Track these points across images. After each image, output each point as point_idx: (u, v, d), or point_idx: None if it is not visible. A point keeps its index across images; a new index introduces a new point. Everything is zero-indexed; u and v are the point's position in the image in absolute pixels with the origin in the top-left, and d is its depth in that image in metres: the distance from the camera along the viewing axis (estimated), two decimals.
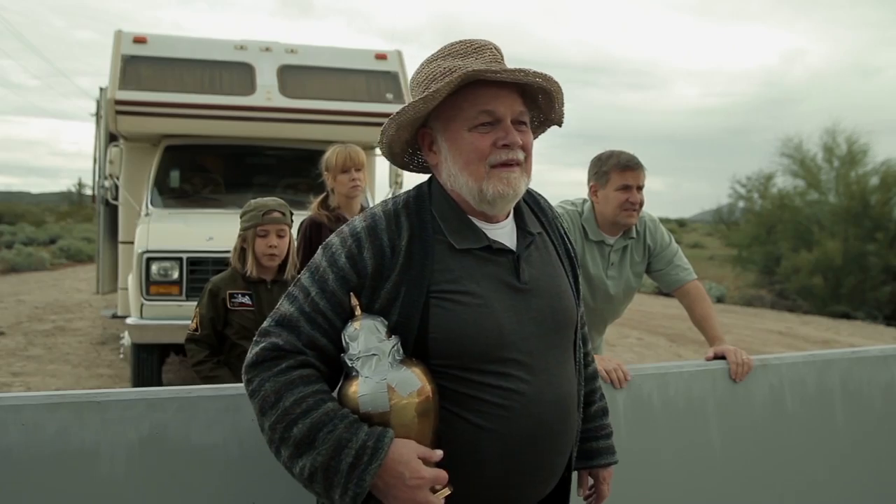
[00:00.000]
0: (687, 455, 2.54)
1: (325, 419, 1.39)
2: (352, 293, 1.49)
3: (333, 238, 1.57)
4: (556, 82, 1.56)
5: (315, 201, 3.60)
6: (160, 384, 5.74)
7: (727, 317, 13.57)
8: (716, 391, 2.60)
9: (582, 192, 3.04)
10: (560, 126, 1.72)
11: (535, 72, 1.52)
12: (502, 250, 1.57)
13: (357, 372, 1.44)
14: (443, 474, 1.40)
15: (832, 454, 2.78)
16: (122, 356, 7.40)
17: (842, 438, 2.80)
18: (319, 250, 1.57)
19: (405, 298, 1.48)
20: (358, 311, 1.49)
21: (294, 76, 6.72)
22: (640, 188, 2.86)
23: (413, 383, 1.43)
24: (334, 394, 1.48)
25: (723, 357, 2.66)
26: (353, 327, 1.47)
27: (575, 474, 1.80)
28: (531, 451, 1.52)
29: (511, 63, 1.59)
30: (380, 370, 1.43)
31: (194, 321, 3.16)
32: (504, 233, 1.61)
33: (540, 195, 1.81)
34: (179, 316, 5.40)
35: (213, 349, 3.14)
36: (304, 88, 6.68)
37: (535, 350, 1.54)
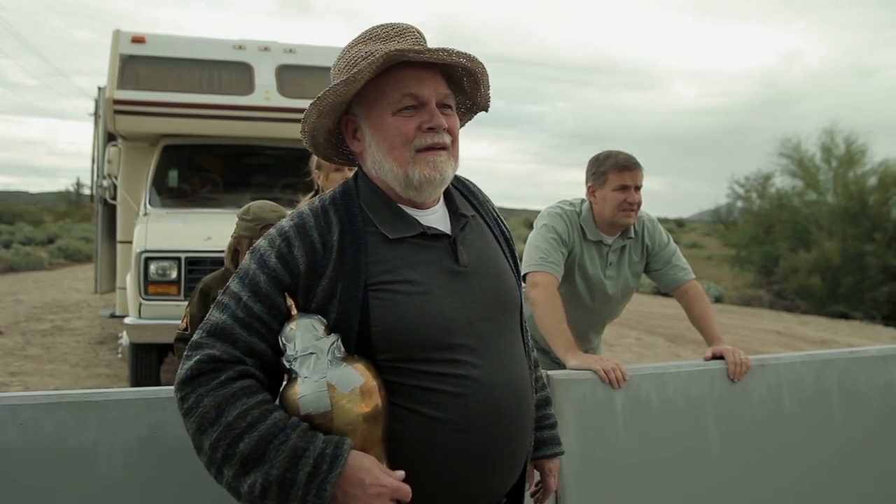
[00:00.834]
0: (685, 455, 2.54)
1: (275, 430, 1.33)
2: (286, 293, 1.44)
3: (261, 241, 1.51)
4: (480, 63, 1.51)
5: (303, 201, 3.55)
6: (158, 384, 5.73)
7: (725, 317, 13.58)
8: (714, 391, 2.60)
9: (580, 192, 3.04)
10: (486, 111, 1.67)
11: (458, 52, 1.47)
12: (437, 235, 1.52)
13: (296, 373, 1.38)
14: (406, 488, 1.34)
15: (830, 454, 2.78)
16: (120, 356, 7.40)
17: (840, 438, 2.80)
18: (247, 255, 1.51)
19: (342, 294, 1.43)
20: (294, 311, 1.43)
21: (292, 76, 6.72)
22: (637, 188, 2.86)
23: (354, 379, 1.36)
24: (277, 402, 1.42)
25: (721, 357, 2.66)
26: (290, 327, 1.41)
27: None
28: (490, 439, 1.47)
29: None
30: (319, 369, 1.36)
31: (184, 321, 3.13)
32: (436, 218, 1.56)
33: (468, 180, 1.75)
34: (178, 316, 5.35)
35: None
36: (303, 88, 6.67)
37: (483, 333, 1.50)
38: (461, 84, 1.58)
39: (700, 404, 2.58)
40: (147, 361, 5.73)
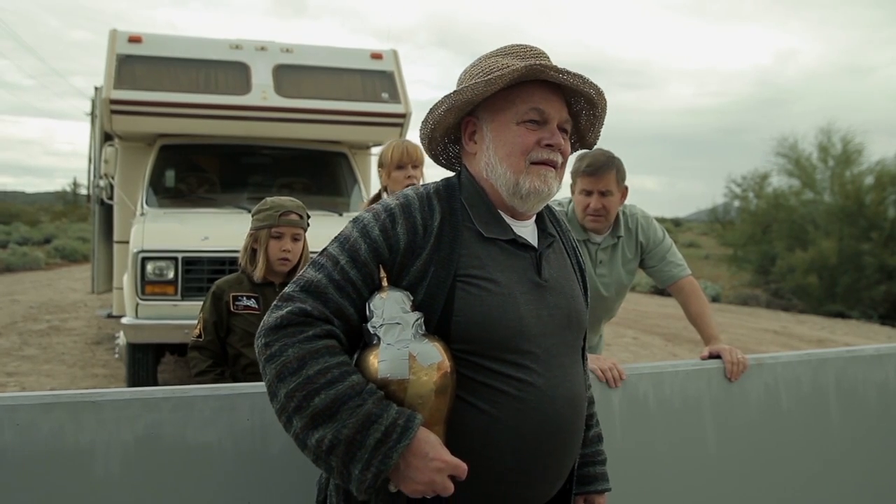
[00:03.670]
0: (682, 454, 2.55)
1: (351, 392, 1.38)
2: (381, 266, 1.51)
3: (364, 213, 1.58)
4: (605, 100, 1.62)
5: (367, 200, 3.56)
6: (155, 384, 5.73)
7: (722, 316, 13.60)
8: (711, 390, 2.61)
9: None
10: (590, 150, 1.78)
11: (591, 82, 1.56)
12: (526, 246, 1.61)
13: (379, 339, 1.44)
14: (464, 465, 1.39)
15: (827, 453, 2.79)
16: (117, 356, 7.39)
17: (837, 437, 2.81)
18: (349, 224, 1.58)
19: (433, 279, 1.50)
20: (385, 284, 1.50)
21: (289, 75, 6.71)
22: (602, 193, 2.81)
23: (434, 355, 1.43)
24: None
25: (718, 356, 2.67)
26: (380, 297, 1.48)
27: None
28: (543, 447, 1.53)
29: None
30: (402, 339, 1.43)
31: (198, 327, 2.99)
32: (527, 231, 1.65)
33: (557, 209, 1.85)
34: (175, 316, 5.39)
35: (217, 358, 2.97)
36: (300, 88, 6.67)
37: (551, 346, 1.57)
38: (578, 117, 1.68)
39: (697, 403, 2.58)
40: (144, 361, 5.71)
